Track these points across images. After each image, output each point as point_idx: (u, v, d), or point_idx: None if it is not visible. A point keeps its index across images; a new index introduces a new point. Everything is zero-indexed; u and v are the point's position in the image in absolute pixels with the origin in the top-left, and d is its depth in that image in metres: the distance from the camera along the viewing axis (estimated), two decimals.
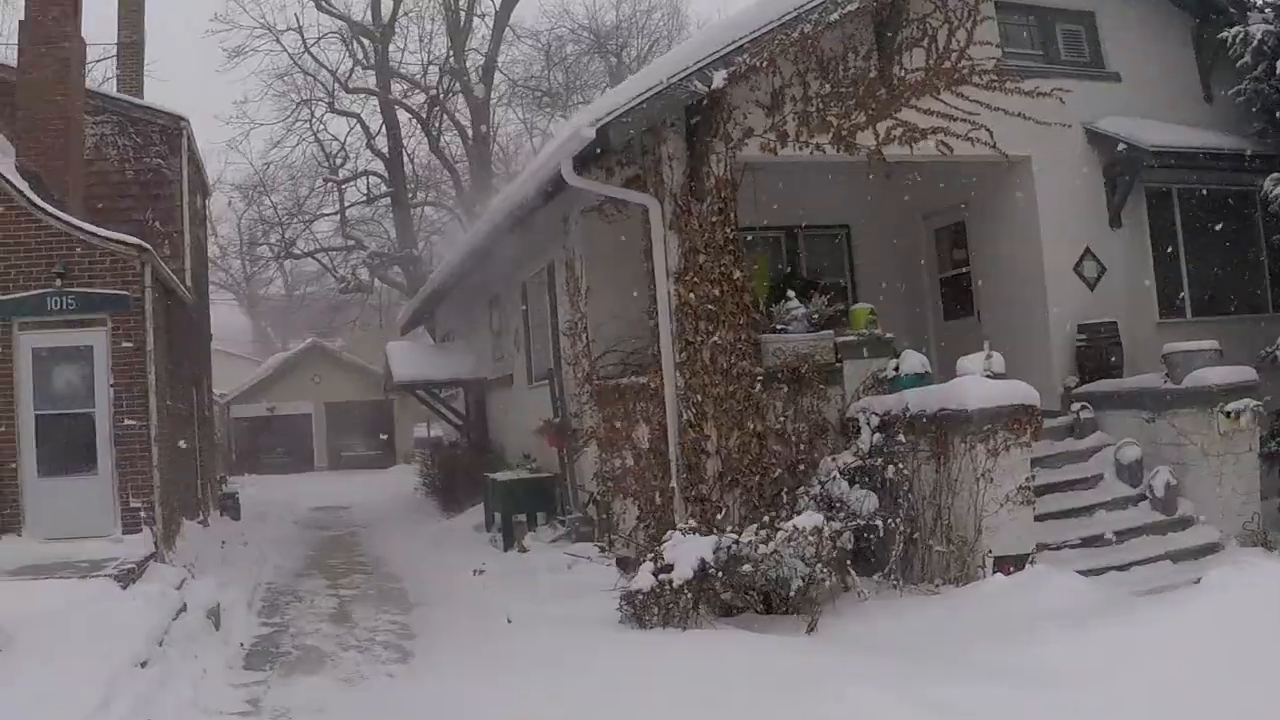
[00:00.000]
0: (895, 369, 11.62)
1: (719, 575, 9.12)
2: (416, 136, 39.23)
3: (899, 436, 10.72)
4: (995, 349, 11.37)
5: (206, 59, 55.79)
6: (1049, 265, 13.54)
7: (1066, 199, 13.61)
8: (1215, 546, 11.10)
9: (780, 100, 12.28)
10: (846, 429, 11.65)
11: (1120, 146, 13.52)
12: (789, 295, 12.22)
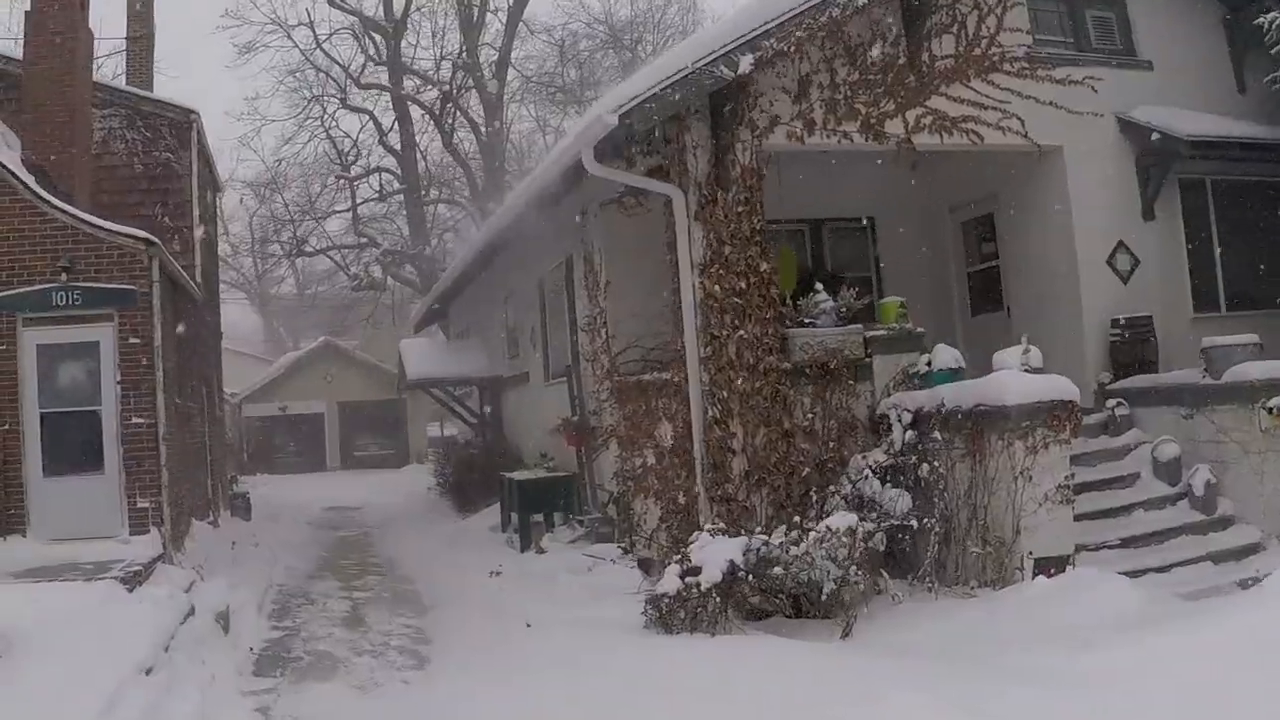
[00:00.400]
0: (928, 364, 11.25)
1: (748, 578, 8.77)
2: (429, 133, 39.02)
3: (933, 433, 10.35)
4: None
5: (217, 57, 55.66)
6: (1082, 258, 13.23)
7: (1099, 190, 13.30)
8: (1257, 547, 10.76)
9: (807, 87, 11.93)
10: (877, 426, 11.30)
11: (1154, 136, 13.19)
12: (817, 288, 11.86)
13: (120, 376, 12.79)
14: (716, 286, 11.21)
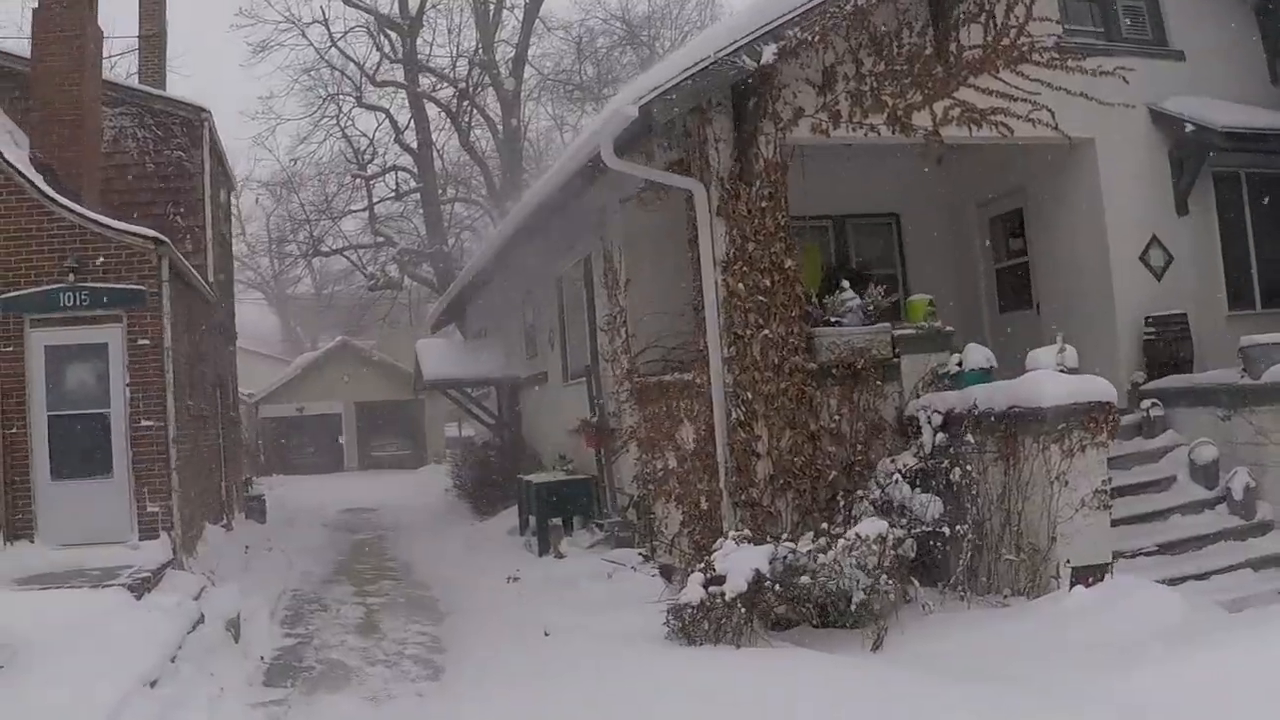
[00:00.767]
0: (958, 364, 10.87)
1: (774, 587, 8.44)
2: (446, 131, 38.73)
3: (965, 436, 9.98)
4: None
5: (231, 56, 55.49)
6: (1114, 253, 12.83)
7: (1131, 184, 12.91)
8: None
9: (832, 78, 11.56)
10: (905, 428, 10.93)
11: (1188, 127, 12.79)
12: (843, 285, 11.51)
13: (129, 378, 12.58)
14: (740, 284, 10.86)
